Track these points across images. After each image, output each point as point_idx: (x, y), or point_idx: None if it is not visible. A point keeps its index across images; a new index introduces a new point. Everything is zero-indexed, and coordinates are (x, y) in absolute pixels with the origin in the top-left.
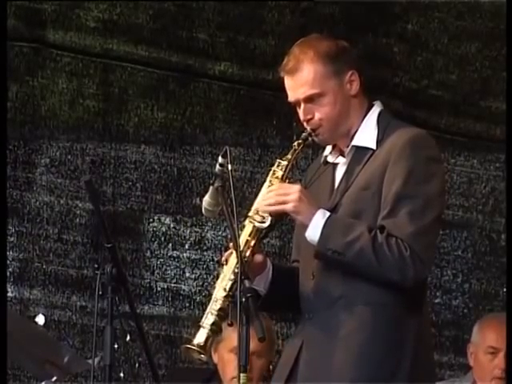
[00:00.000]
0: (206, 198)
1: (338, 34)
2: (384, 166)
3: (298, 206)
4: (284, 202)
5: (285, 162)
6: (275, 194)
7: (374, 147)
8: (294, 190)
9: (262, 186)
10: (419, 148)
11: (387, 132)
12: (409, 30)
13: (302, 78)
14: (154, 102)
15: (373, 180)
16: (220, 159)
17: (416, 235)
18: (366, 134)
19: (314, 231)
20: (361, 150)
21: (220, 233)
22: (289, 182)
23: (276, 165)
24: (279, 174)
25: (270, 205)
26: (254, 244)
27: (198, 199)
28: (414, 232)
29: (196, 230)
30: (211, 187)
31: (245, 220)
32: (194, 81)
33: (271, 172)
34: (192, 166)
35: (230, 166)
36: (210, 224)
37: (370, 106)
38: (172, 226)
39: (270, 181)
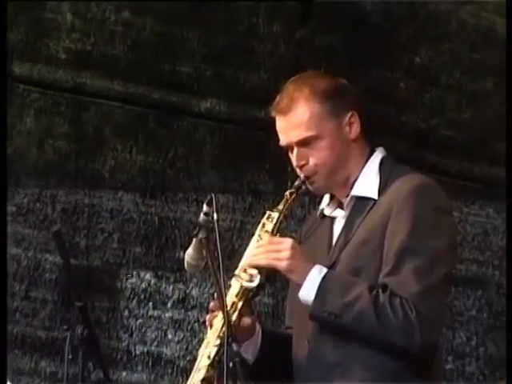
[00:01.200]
0: (190, 252)
1: (337, 67)
2: (386, 217)
3: (290, 263)
4: (275, 259)
5: (276, 214)
6: (265, 249)
7: (376, 197)
8: (286, 245)
9: (250, 240)
10: (425, 197)
11: (390, 180)
12: (417, 63)
13: (295, 119)
14: (133, 143)
15: (373, 233)
16: (205, 207)
17: (423, 294)
18: (367, 183)
19: (308, 290)
20: (361, 201)
21: (206, 290)
22: (280, 236)
23: (266, 217)
24: (269, 227)
25: (259, 262)
26: (242, 306)
27: (181, 252)
28: (421, 291)
29: (179, 286)
30: (195, 239)
31: (231, 279)
32: (177, 119)
33: (260, 225)
34: (175, 214)
35: (216, 215)
36: (195, 280)
37: (372, 152)
38: (153, 282)
39: (259, 235)
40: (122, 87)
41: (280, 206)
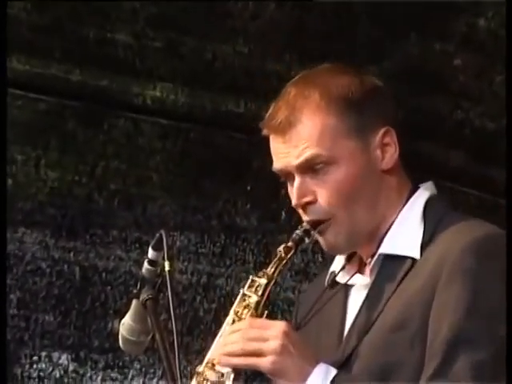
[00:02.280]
0: (128, 321)
1: (357, 37)
2: (431, 288)
3: (279, 360)
4: (257, 353)
5: (263, 281)
6: (243, 335)
7: (417, 256)
8: (275, 331)
9: (222, 307)
10: (491, 258)
11: (439, 231)
12: (480, 28)
13: (299, 135)
14: (40, 151)
15: (411, 313)
16: (151, 252)
17: None
18: (404, 235)
19: None
20: (393, 262)
21: (154, 381)
22: (267, 317)
23: (248, 284)
24: (252, 300)
25: (233, 354)
26: None
27: (115, 322)
28: None
29: (113, 376)
30: (135, 301)
31: (192, 378)
32: (110, 115)
33: (239, 298)
34: (106, 263)
35: (167, 264)
36: (137, 366)
37: (415, 190)
38: (71, 368)
39: (237, 312)
40: (22, 65)
41: (270, 269)
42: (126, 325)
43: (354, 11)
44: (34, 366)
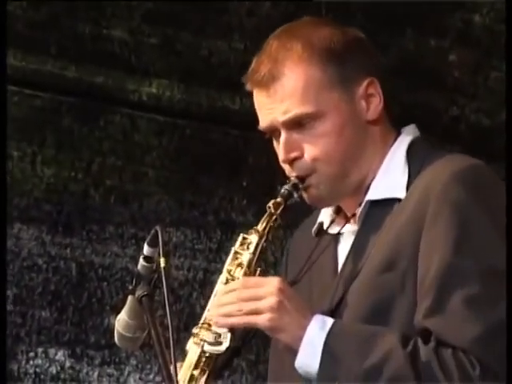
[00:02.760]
0: (123, 317)
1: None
2: (417, 224)
3: (276, 316)
4: (254, 312)
5: (254, 238)
6: (238, 295)
7: (402, 196)
8: (270, 288)
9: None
10: (473, 188)
11: (423, 170)
12: (475, 24)
13: (283, 90)
14: (36, 147)
15: (400, 251)
16: (146, 249)
17: (487, 338)
18: (390, 180)
19: (307, 357)
20: (380, 206)
21: (151, 377)
22: (260, 274)
23: (239, 242)
24: (245, 258)
25: (230, 315)
26: (205, 382)
27: (111, 318)
28: (484, 333)
29: (109, 372)
30: (131, 297)
31: (190, 338)
32: (106, 111)
33: (231, 255)
34: (102, 260)
35: (163, 261)
36: (133, 362)
37: (396, 136)
38: (68, 364)
39: (230, 271)
40: (17, 61)
41: (260, 226)
42: (121, 321)
43: (350, 7)
44: (31, 362)
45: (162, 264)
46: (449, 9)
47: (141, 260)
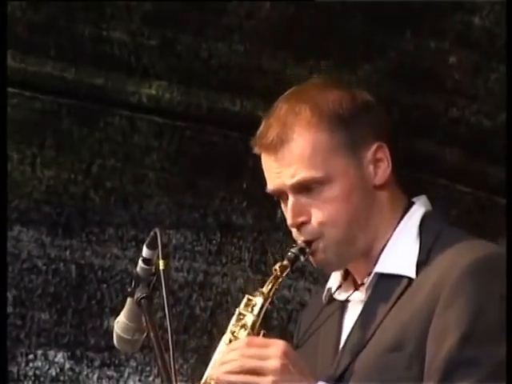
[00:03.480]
0: (122, 320)
1: (352, 33)
2: (428, 309)
3: (279, 379)
4: (256, 371)
5: (259, 300)
6: (241, 353)
7: (413, 275)
8: (275, 350)
9: (218, 305)
10: (491, 280)
11: (436, 249)
12: (475, 26)
13: (291, 155)
14: (36, 149)
15: (408, 333)
16: (145, 251)
17: None
18: (400, 253)
19: None
20: (389, 281)
21: (151, 379)
22: (264, 336)
23: (244, 303)
24: (249, 319)
25: (232, 373)
26: None
27: (111, 320)
28: None
29: (109, 374)
30: (129, 300)
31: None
32: (106, 113)
33: (235, 317)
34: (102, 261)
35: (162, 263)
36: (133, 364)
37: (409, 205)
38: (67, 366)
39: (233, 332)
40: (17, 63)
41: (265, 288)
42: (120, 323)
43: (349, 9)
44: (30, 364)
45: (161, 266)
46: (448, 10)
47: (140, 262)
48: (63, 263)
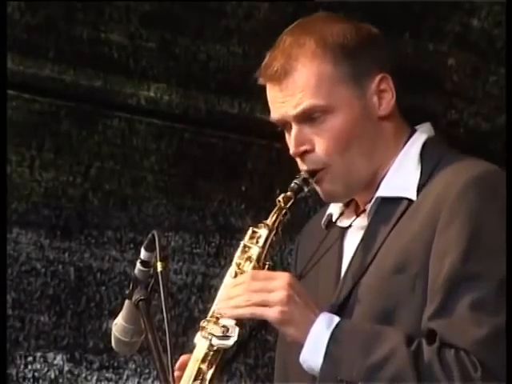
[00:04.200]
0: (120, 322)
1: None
2: (430, 228)
3: (285, 310)
4: (262, 304)
5: (264, 232)
6: (247, 288)
7: (414, 197)
8: (279, 282)
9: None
10: (491, 196)
11: (437, 172)
12: (474, 28)
13: (295, 85)
14: (35, 152)
15: (410, 254)
16: (143, 253)
17: (490, 342)
18: (401, 178)
19: (313, 353)
20: (390, 204)
21: (150, 381)
22: (269, 268)
23: (249, 236)
24: (254, 252)
25: (239, 307)
26: (212, 375)
27: (110, 322)
28: (487, 336)
29: (108, 376)
30: (127, 302)
31: (197, 332)
32: (104, 116)
33: (240, 248)
34: (101, 264)
35: (160, 265)
36: (132, 366)
37: (412, 134)
38: (66, 368)
39: (239, 264)
40: (16, 66)
41: (270, 220)
42: (118, 325)
43: (348, 11)
44: (29, 366)
45: (159, 268)
46: (447, 12)
47: (138, 264)
48: (62, 265)
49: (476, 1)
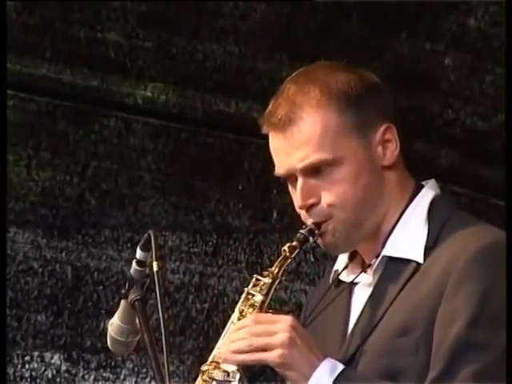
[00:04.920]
0: (116, 321)
1: (347, 36)
2: (437, 294)
3: (287, 353)
4: (265, 347)
5: (267, 280)
6: (250, 332)
7: (421, 260)
8: (283, 325)
9: (215, 307)
10: (498, 266)
11: (444, 234)
12: (470, 28)
13: (300, 136)
14: (32, 151)
15: (417, 317)
16: (139, 253)
17: None
18: (408, 237)
19: None
20: (398, 265)
21: (147, 381)
22: (273, 312)
23: (252, 284)
24: (257, 299)
25: (240, 351)
26: None
27: (106, 321)
28: None
29: (105, 375)
30: (123, 302)
31: (197, 377)
32: (101, 115)
33: (243, 296)
34: (98, 263)
35: (155, 265)
36: (129, 366)
37: (418, 188)
38: (64, 368)
39: (242, 311)
40: (12, 65)
41: (274, 268)
42: (114, 325)
43: (345, 10)
44: (27, 365)
45: (155, 268)
46: (443, 12)
47: (134, 264)
48: (59, 265)
49: (472, 1)
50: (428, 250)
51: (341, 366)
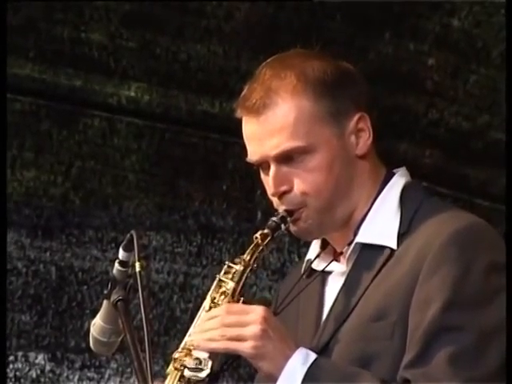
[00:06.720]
0: (98, 322)
1: (331, 35)
2: (411, 279)
3: (259, 344)
4: (237, 338)
5: (239, 268)
6: (221, 321)
7: (394, 246)
8: (254, 316)
9: (199, 307)
10: (474, 249)
11: (417, 220)
12: (454, 28)
13: (274, 122)
14: (16, 151)
15: (391, 303)
16: (121, 253)
17: None
18: (381, 224)
19: None
20: (371, 251)
21: (132, 381)
22: (244, 303)
23: (224, 271)
24: (229, 286)
25: (212, 339)
26: None
27: (90, 321)
28: None
29: (90, 375)
30: (105, 302)
31: (168, 365)
32: (85, 115)
33: (215, 283)
34: (82, 263)
35: (138, 265)
36: (113, 366)
37: (389, 176)
38: (48, 368)
39: (213, 299)
40: None
41: (246, 256)
42: (96, 325)
43: (329, 11)
44: (11, 365)
45: (138, 268)
46: (427, 12)
47: (116, 264)
48: (43, 265)
49: (456, 1)
50: (401, 236)
51: (313, 355)
